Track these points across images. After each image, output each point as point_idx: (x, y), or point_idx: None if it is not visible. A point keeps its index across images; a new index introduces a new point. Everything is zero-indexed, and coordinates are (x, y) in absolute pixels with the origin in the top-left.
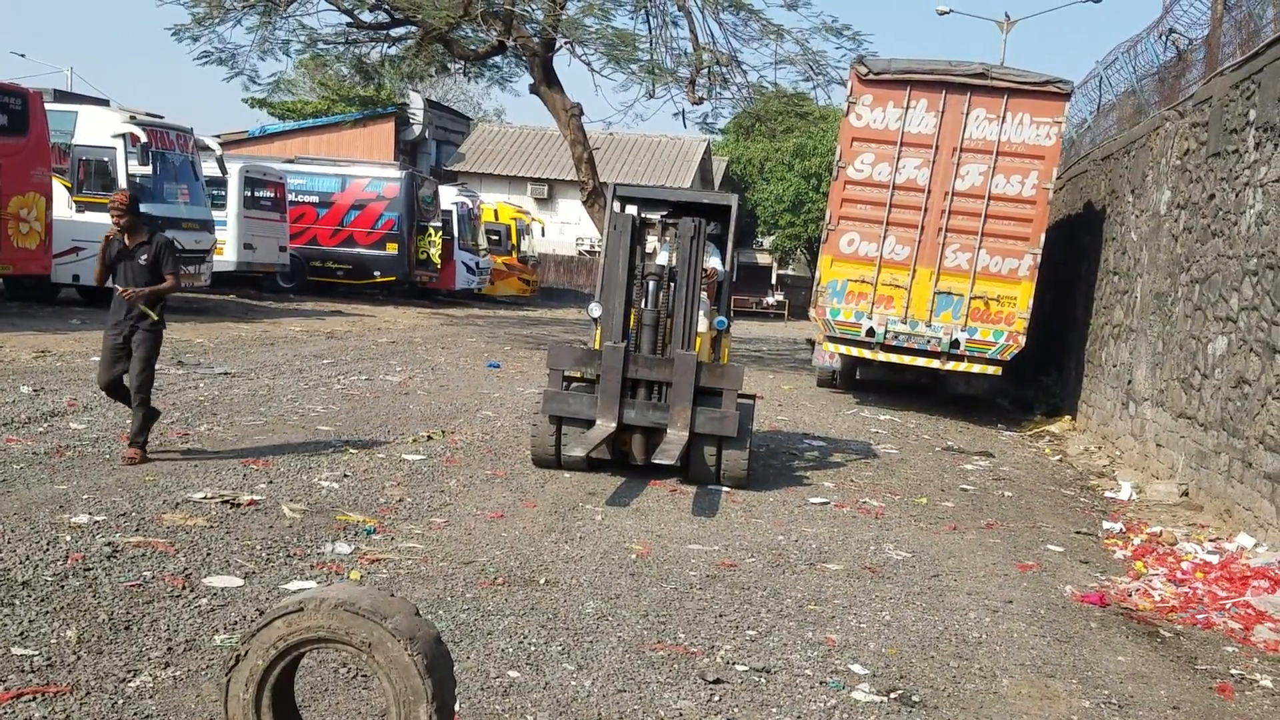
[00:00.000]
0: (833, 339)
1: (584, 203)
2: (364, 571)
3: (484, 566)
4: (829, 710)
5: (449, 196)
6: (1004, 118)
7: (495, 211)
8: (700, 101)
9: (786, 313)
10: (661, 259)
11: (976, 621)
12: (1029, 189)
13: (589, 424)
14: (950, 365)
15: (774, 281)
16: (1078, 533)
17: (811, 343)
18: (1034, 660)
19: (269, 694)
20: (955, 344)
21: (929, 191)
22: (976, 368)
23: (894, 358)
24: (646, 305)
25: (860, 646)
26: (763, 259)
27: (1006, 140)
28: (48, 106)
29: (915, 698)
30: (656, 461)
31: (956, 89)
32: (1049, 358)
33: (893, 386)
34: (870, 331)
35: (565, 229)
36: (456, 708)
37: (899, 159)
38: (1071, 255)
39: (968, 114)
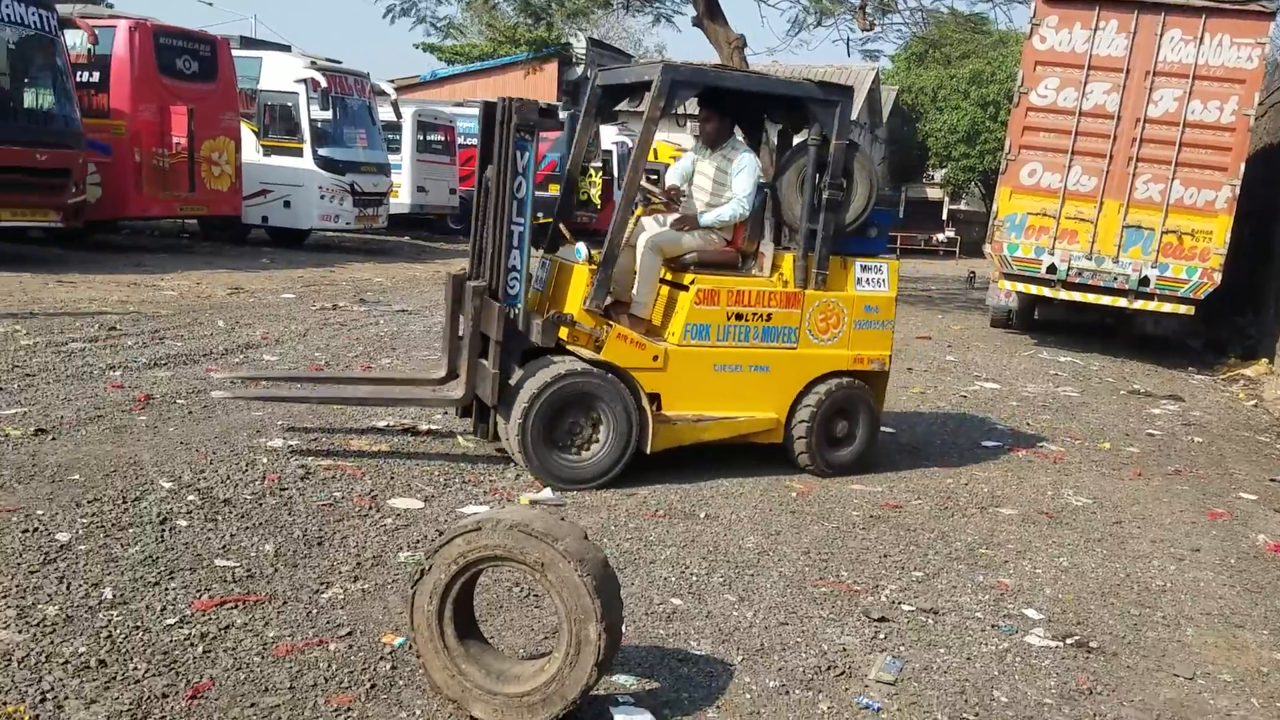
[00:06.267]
0: (1010, 276)
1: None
2: (533, 499)
3: (645, 499)
4: (1001, 653)
5: (609, 136)
6: (1201, 39)
7: (655, 150)
8: (871, 27)
9: (959, 250)
10: (674, 177)
11: (1160, 569)
12: (1228, 115)
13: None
14: (1138, 304)
15: (945, 217)
16: (1272, 480)
17: (972, 275)
18: (1221, 610)
19: (450, 606)
20: (1144, 281)
21: (1118, 118)
22: (1167, 307)
23: (1076, 296)
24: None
25: (1035, 591)
26: (933, 193)
27: (1204, 63)
28: (234, 53)
29: (1093, 644)
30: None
31: (1150, 9)
32: (1245, 297)
33: (1074, 327)
34: (1051, 268)
35: None
36: (623, 629)
37: (1086, 84)
38: (1272, 186)
39: (1161, 35)
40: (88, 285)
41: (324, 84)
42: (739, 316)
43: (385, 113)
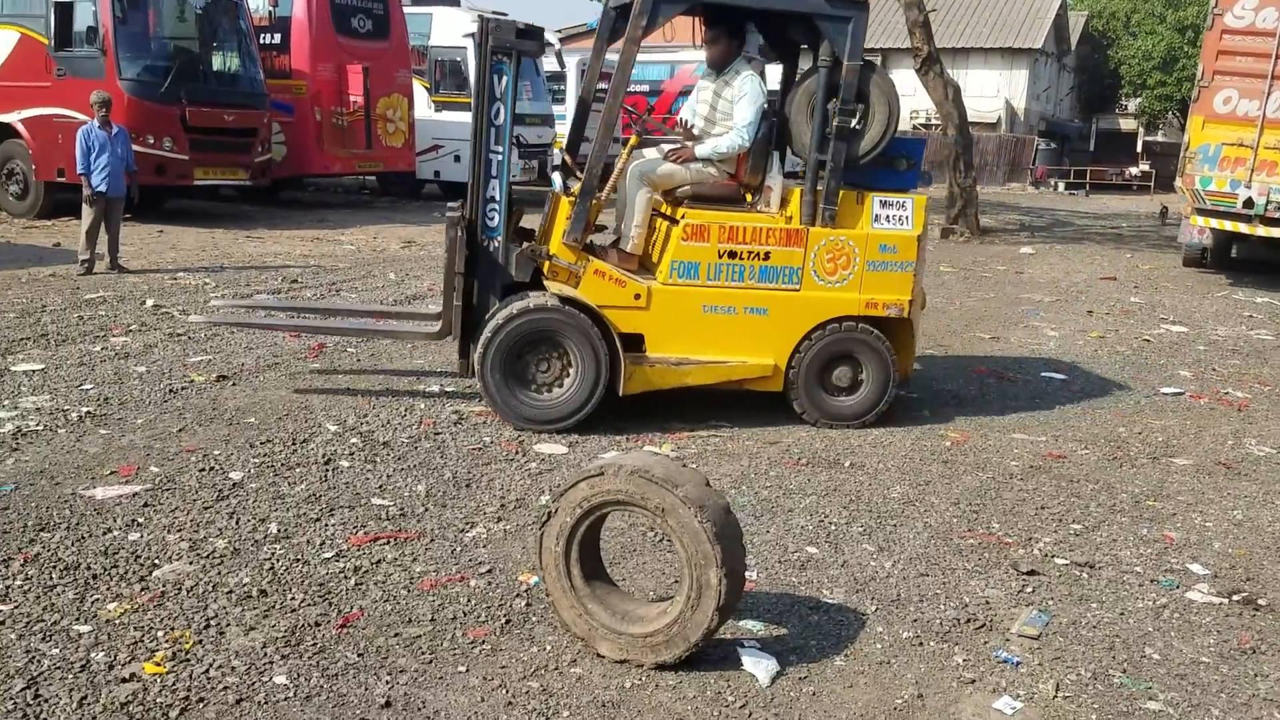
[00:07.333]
0: (1202, 211)
1: (917, 71)
2: (674, 446)
3: (789, 447)
4: (1157, 609)
5: (778, 74)
6: None
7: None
8: None
9: (1153, 184)
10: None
11: None
12: None
13: None
14: None
15: (1139, 150)
16: None
17: (1164, 210)
18: None
19: (577, 548)
20: None
21: None
22: None
23: (1276, 232)
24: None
25: (1203, 546)
26: (1126, 125)
27: None
28: (406, 10)
29: (1262, 601)
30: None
31: None
32: None
33: (1274, 265)
34: (1248, 202)
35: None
36: (753, 576)
37: None
38: None
39: None
40: (274, 240)
41: None
42: (732, 255)
43: (549, 63)
